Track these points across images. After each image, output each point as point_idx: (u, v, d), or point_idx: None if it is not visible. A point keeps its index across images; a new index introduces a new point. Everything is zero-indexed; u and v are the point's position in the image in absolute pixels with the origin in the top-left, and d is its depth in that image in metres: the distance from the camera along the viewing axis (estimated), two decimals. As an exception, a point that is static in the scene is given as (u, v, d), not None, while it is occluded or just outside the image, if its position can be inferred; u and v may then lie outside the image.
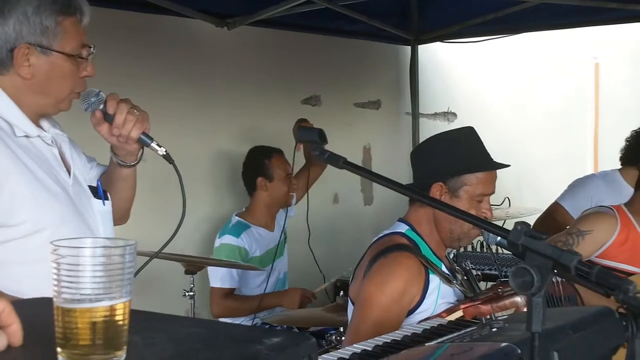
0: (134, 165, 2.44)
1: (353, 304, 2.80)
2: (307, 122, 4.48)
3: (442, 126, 6.54)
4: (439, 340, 1.98)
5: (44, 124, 2.28)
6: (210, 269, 4.33)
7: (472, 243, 5.30)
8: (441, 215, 2.78)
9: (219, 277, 4.33)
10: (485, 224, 1.87)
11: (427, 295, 2.67)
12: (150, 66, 4.55)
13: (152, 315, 1.19)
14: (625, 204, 3.64)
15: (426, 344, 1.95)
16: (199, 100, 4.81)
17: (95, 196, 2.36)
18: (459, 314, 2.52)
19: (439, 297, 2.71)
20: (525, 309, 2.53)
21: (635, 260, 3.46)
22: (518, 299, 2.58)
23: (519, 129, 7.07)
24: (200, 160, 4.85)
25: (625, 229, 3.54)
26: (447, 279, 2.74)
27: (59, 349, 0.98)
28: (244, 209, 4.56)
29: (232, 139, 4.98)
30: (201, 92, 4.82)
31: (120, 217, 2.53)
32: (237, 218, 4.47)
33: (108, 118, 2.22)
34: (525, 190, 7.03)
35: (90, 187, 2.37)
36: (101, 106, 2.22)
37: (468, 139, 2.86)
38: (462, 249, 5.16)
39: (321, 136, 1.92)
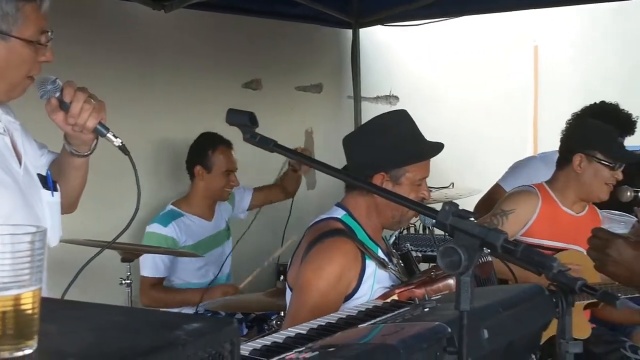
0: (87, 155, 2.39)
1: (291, 289, 2.80)
2: (308, 151, 4.52)
3: (384, 109, 6.55)
4: (373, 321, 1.99)
5: None
6: (141, 257, 4.27)
7: (414, 225, 5.34)
8: (383, 202, 2.80)
9: (147, 266, 4.29)
10: (418, 207, 1.89)
11: (363, 280, 2.69)
12: (87, 50, 4.47)
13: (70, 303, 1.18)
14: (547, 182, 3.76)
15: (359, 326, 1.95)
16: (137, 85, 4.74)
17: (44, 186, 2.33)
18: (394, 298, 2.55)
19: (375, 282, 2.72)
20: None
21: (559, 236, 3.56)
22: (451, 281, 2.61)
23: (460, 112, 7.11)
24: (139, 146, 4.76)
25: (547, 206, 3.64)
26: (382, 264, 2.75)
27: (-32, 340, 0.96)
28: (182, 197, 4.51)
29: (171, 124, 4.92)
30: (139, 77, 4.76)
31: (69, 205, 2.49)
32: (170, 207, 4.41)
33: (64, 106, 2.17)
34: (467, 172, 7.09)
35: (39, 175, 2.35)
36: (57, 94, 2.17)
37: (404, 124, 2.89)
38: (404, 231, 5.20)
39: (252, 119, 1.90)
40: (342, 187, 3.01)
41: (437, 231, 4.75)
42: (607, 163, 3.56)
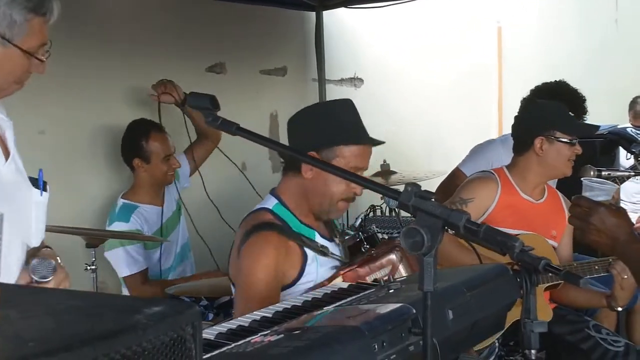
0: None
1: (234, 285, 2.79)
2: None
3: (349, 92, 6.55)
4: (338, 304, 2.00)
5: None
6: (112, 261, 4.22)
7: (380, 207, 5.34)
8: (311, 189, 2.76)
9: (125, 265, 4.20)
10: (378, 187, 1.89)
11: (306, 267, 2.69)
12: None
13: (30, 289, 1.16)
14: (507, 167, 3.75)
15: (325, 308, 1.96)
16: (95, 68, 4.66)
17: (34, 186, 2.32)
18: (339, 280, 2.56)
19: (319, 265, 2.72)
20: (400, 265, 2.60)
21: (520, 223, 3.55)
22: (393, 256, 2.64)
23: (426, 94, 7.13)
24: (101, 133, 4.73)
25: (506, 193, 3.63)
26: (321, 252, 2.73)
27: None
28: (130, 189, 4.45)
29: (131, 109, 4.83)
30: (97, 59, 4.67)
31: None
32: (122, 201, 4.30)
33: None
34: (433, 154, 7.12)
35: (30, 178, 2.33)
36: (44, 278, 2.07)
37: (344, 110, 2.83)
38: (370, 213, 5.21)
39: (213, 102, 1.89)
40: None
41: (404, 213, 4.75)
42: (567, 140, 3.58)
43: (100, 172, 4.72)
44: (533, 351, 1.92)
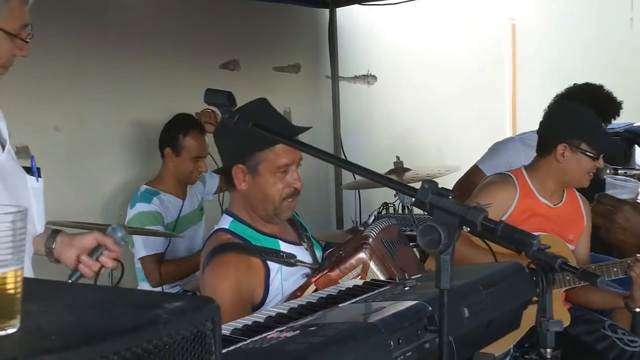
0: None
1: None
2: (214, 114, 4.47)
3: (362, 89, 6.56)
4: (353, 300, 2.00)
5: None
6: (135, 245, 4.27)
7: (394, 205, 5.34)
8: (251, 198, 2.69)
9: (142, 246, 4.25)
10: (395, 185, 1.88)
11: (270, 283, 2.61)
12: (60, 34, 4.42)
13: (50, 283, 1.17)
14: (527, 168, 3.65)
15: (340, 305, 1.96)
16: (112, 66, 4.69)
17: (28, 172, 2.34)
18: (312, 288, 2.51)
19: (283, 279, 2.63)
20: (372, 263, 2.57)
21: (537, 227, 3.43)
22: (362, 255, 2.57)
23: (439, 90, 7.12)
24: (115, 129, 4.76)
25: (524, 196, 3.56)
26: (287, 262, 2.64)
27: (-50, 321, 0.96)
28: (155, 177, 4.49)
29: (147, 106, 4.88)
30: (111, 57, 4.70)
31: None
32: (145, 186, 4.37)
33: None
34: (445, 152, 7.11)
35: (24, 167, 2.36)
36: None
37: (258, 112, 2.68)
38: (383, 211, 5.20)
39: (230, 99, 1.89)
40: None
41: (417, 211, 4.75)
42: (591, 154, 3.47)
43: (114, 168, 4.74)
44: (549, 350, 1.92)
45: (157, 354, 0.98)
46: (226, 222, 2.74)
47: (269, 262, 2.61)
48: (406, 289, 2.00)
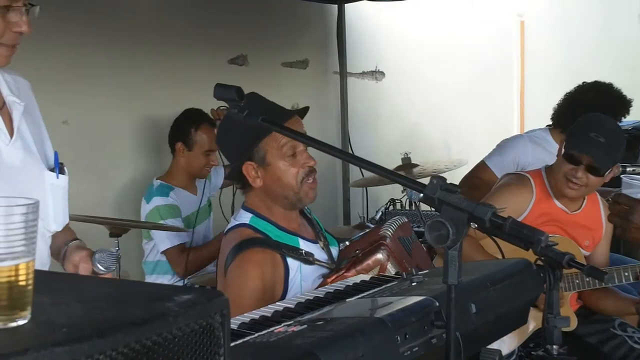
0: None
1: None
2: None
3: (371, 85, 6.56)
4: (360, 295, 2.00)
5: (4, 89, 2.24)
6: (156, 239, 4.29)
7: (401, 201, 5.34)
8: (270, 192, 2.67)
9: (165, 237, 4.26)
10: (403, 180, 1.89)
11: (290, 281, 2.58)
12: (70, 30, 4.43)
13: (60, 275, 1.17)
14: (547, 169, 3.51)
15: (347, 300, 1.96)
16: (121, 61, 4.70)
17: (49, 169, 2.30)
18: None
19: (302, 279, 2.60)
20: (389, 263, 2.55)
21: (552, 231, 3.36)
22: (380, 256, 2.54)
23: (446, 86, 7.12)
24: (124, 124, 4.77)
25: (540, 200, 3.45)
26: (306, 260, 2.62)
27: (-39, 312, 0.96)
28: (166, 172, 4.50)
29: (155, 102, 4.89)
30: (123, 52, 4.71)
31: None
32: (158, 181, 4.39)
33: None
34: (453, 148, 7.11)
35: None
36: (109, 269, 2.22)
37: (251, 103, 2.71)
38: (390, 207, 5.21)
39: (239, 94, 1.90)
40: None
41: (424, 206, 4.76)
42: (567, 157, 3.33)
43: (123, 161, 4.76)
44: (555, 346, 1.93)
45: (166, 346, 0.99)
46: (245, 217, 2.70)
47: (288, 260, 2.59)
48: (413, 284, 2.00)
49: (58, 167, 2.31)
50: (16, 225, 0.95)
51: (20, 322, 0.96)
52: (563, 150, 3.36)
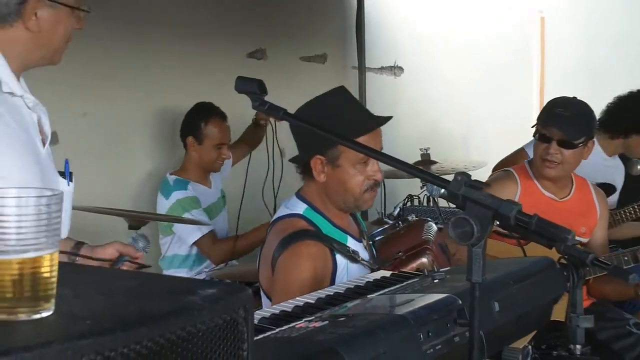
0: None
1: (267, 296, 2.65)
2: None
3: (389, 80, 6.53)
4: (382, 292, 1.99)
5: (28, 94, 2.24)
6: (179, 233, 4.28)
7: (419, 197, 5.32)
8: (330, 190, 2.65)
9: (192, 231, 4.24)
10: (426, 175, 1.87)
11: (337, 278, 2.56)
12: (90, 20, 4.38)
13: (83, 267, 1.16)
14: (530, 161, 3.60)
15: (368, 296, 1.95)
16: (140, 54, 4.69)
17: (61, 176, 2.32)
18: None
19: (349, 276, 2.58)
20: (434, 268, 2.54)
21: None
22: (424, 260, 2.54)
23: (465, 83, 7.08)
24: (142, 117, 4.76)
25: (526, 193, 3.48)
26: (352, 258, 2.61)
27: (-16, 303, 0.95)
28: (179, 167, 4.49)
29: (174, 95, 4.88)
30: (139, 44, 4.70)
31: None
32: (173, 177, 4.36)
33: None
34: (471, 145, 7.08)
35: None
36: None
37: (337, 102, 2.69)
38: (408, 203, 5.18)
39: (261, 87, 1.89)
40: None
41: (442, 202, 4.73)
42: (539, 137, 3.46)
43: (141, 154, 4.76)
44: (578, 346, 1.91)
45: (190, 340, 0.98)
46: (300, 207, 2.69)
47: (337, 256, 2.58)
48: (435, 281, 1.99)
49: (69, 175, 2.32)
50: (39, 217, 0.94)
51: (44, 314, 0.95)
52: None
